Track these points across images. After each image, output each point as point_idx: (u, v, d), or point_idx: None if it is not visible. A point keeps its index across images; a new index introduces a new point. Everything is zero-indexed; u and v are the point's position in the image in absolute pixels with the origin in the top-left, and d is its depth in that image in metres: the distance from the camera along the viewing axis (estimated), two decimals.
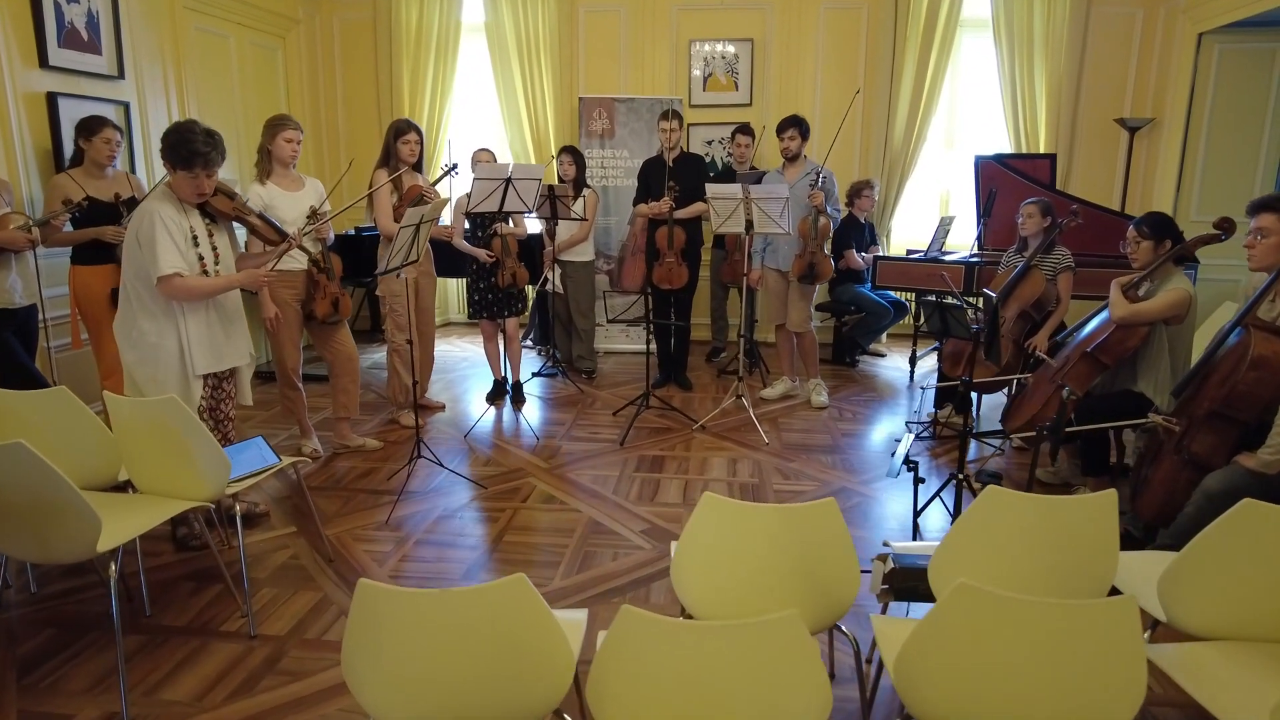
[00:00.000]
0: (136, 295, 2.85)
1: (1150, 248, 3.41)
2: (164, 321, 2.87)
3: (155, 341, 2.86)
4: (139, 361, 2.88)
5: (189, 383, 2.93)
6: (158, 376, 2.87)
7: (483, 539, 3.28)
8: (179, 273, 2.79)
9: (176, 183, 2.84)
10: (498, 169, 4.34)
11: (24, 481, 2.07)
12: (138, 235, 2.79)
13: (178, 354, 2.90)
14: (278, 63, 6.07)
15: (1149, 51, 6.10)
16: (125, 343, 2.89)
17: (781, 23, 6.39)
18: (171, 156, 2.77)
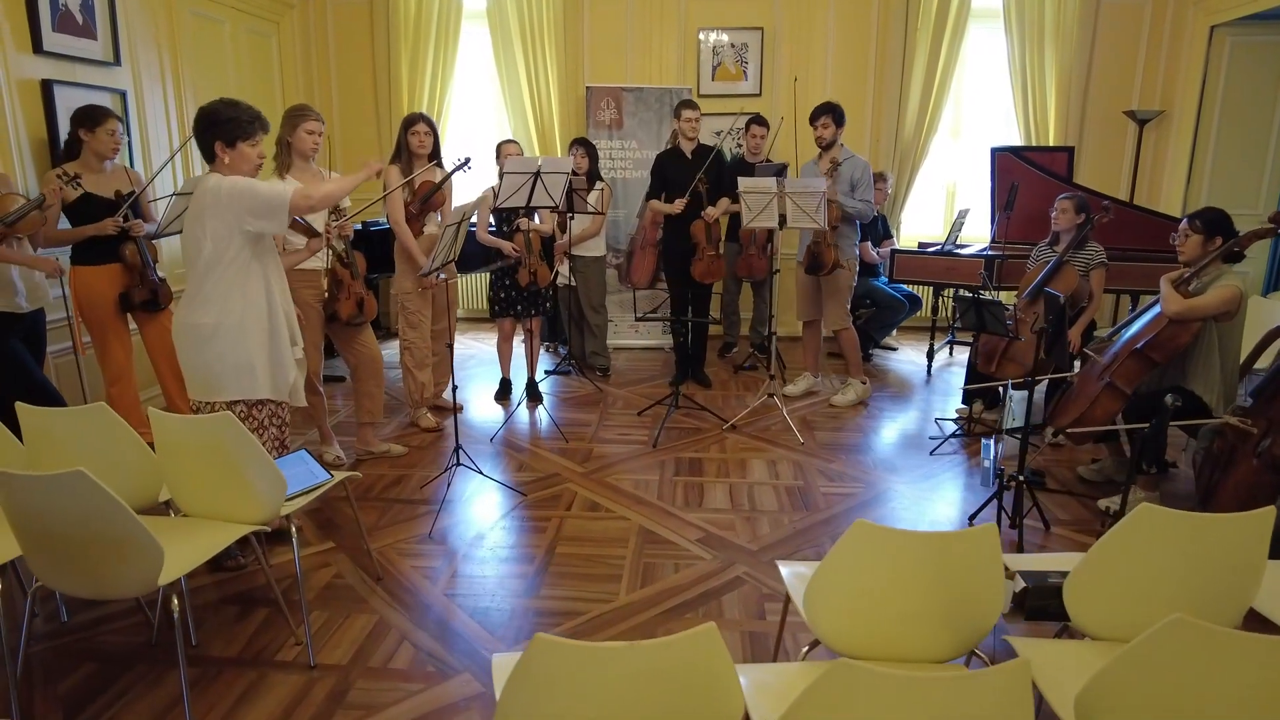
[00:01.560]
0: (233, 261, 2.64)
1: (1199, 242, 3.37)
2: (256, 293, 2.72)
3: (265, 306, 2.72)
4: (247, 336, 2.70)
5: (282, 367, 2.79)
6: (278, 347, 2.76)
7: (535, 551, 3.14)
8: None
9: (234, 161, 2.66)
10: (527, 162, 4.17)
11: (81, 512, 1.89)
12: (221, 199, 2.58)
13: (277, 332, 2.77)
14: (272, 49, 5.80)
15: (1158, 43, 6.10)
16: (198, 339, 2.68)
17: (791, 11, 6.28)
18: (231, 131, 2.62)
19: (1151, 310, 3.48)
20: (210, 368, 2.70)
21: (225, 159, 2.64)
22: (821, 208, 4.28)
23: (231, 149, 2.64)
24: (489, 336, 6.68)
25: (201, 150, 2.68)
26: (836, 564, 1.70)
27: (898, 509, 3.56)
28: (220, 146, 2.63)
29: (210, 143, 2.64)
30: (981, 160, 6.69)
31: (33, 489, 1.89)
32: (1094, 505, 3.60)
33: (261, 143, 2.72)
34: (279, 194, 2.60)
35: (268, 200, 2.60)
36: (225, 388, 2.71)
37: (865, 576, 1.69)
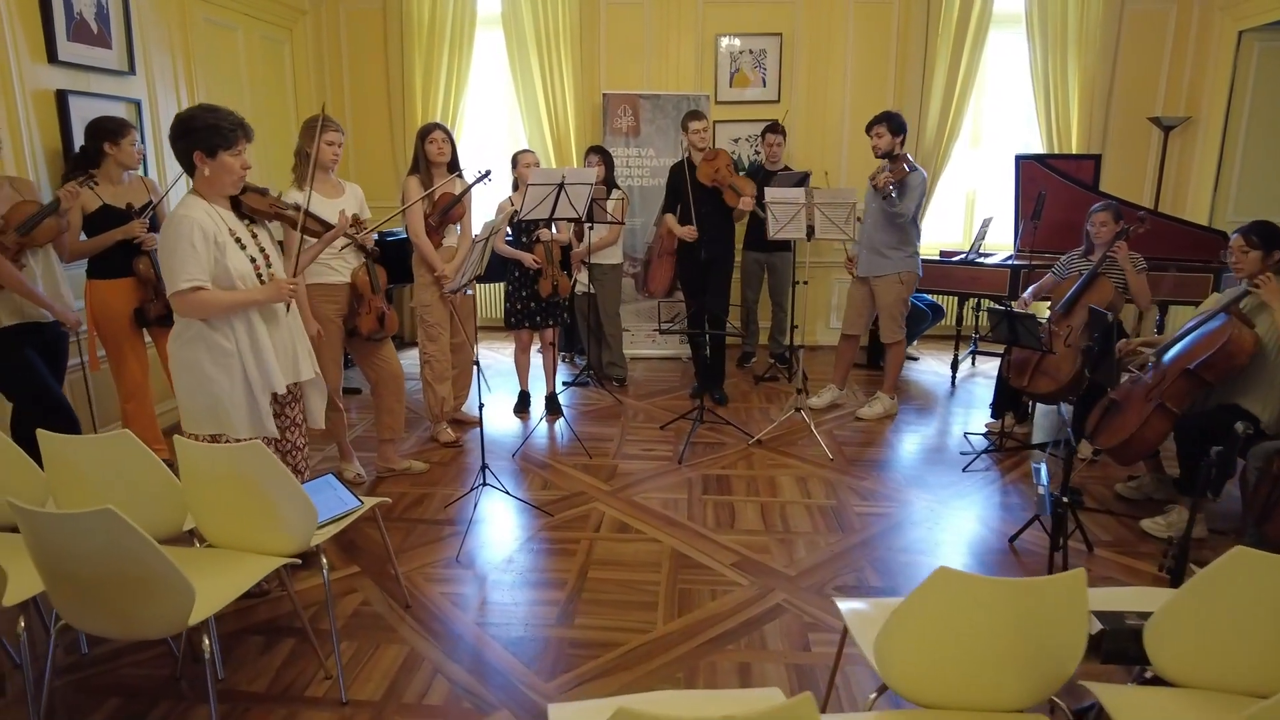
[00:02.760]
0: None
1: (1259, 259, 3.28)
2: (239, 333, 2.52)
3: (234, 362, 2.51)
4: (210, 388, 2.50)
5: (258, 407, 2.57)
6: (234, 403, 2.52)
7: (565, 576, 3.05)
8: (200, 285, 2.39)
9: (215, 173, 2.45)
10: (550, 174, 4.08)
11: (109, 551, 1.80)
12: (162, 244, 2.43)
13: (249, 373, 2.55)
14: (285, 56, 5.72)
15: (1183, 49, 6.01)
16: (193, 373, 2.51)
17: (810, 17, 6.19)
18: (209, 139, 2.39)
19: (1203, 328, 3.38)
20: (190, 399, 2.54)
21: (205, 170, 2.43)
22: (851, 219, 4.19)
23: (212, 159, 2.42)
24: (503, 346, 6.59)
25: (180, 162, 2.47)
26: (914, 611, 1.61)
27: (935, 530, 3.47)
28: (200, 157, 2.41)
29: (188, 153, 2.42)
30: (1001, 168, 6.61)
31: (58, 527, 1.80)
32: (1135, 525, 3.50)
33: (245, 151, 2.50)
34: (175, 278, 2.36)
35: (169, 274, 2.38)
36: (202, 421, 2.54)
37: (944, 624, 1.59)
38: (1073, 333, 4.20)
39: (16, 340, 3.18)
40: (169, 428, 4.44)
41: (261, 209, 2.72)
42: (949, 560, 3.21)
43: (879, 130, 4.59)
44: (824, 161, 6.18)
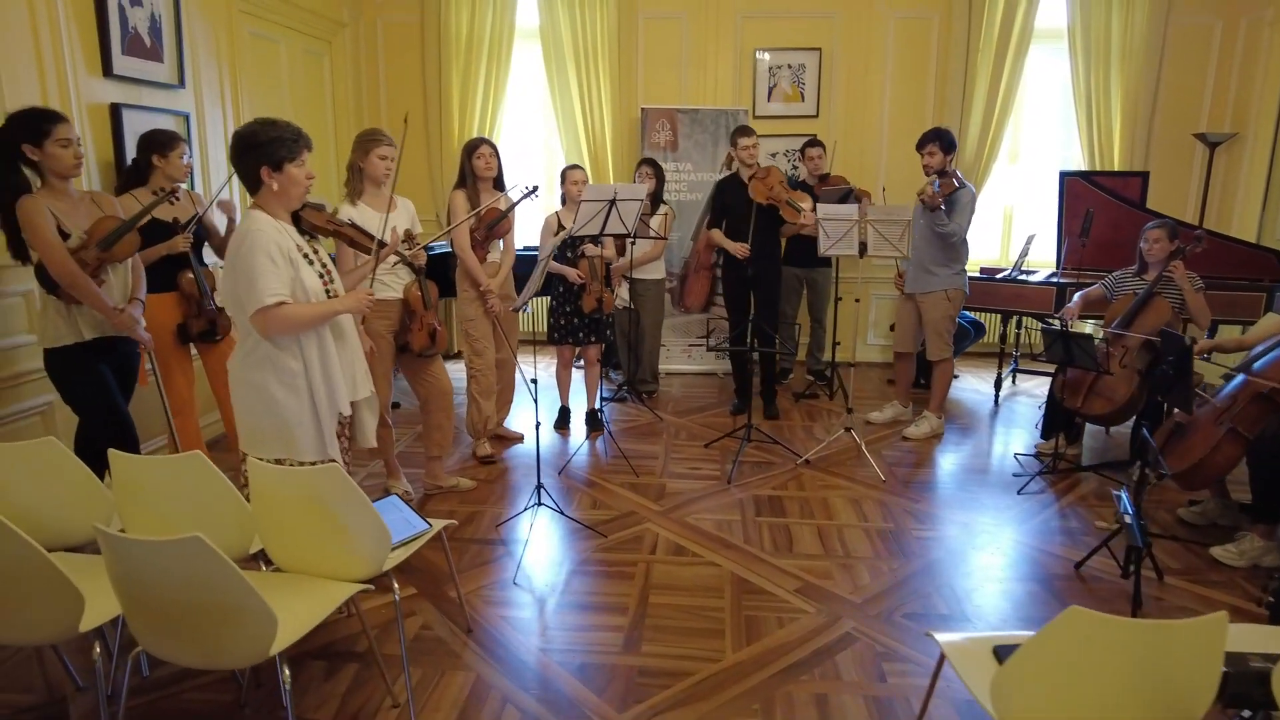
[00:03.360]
0: None
1: None
2: (309, 351, 2.45)
3: (301, 383, 2.44)
4: (277, 410, 2.43)
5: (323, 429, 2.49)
6: (301, 424, 2.44)
7: (626, 600, 2.98)
8: (284, 300, 2.35)
9: (283, 186, 2.40)
10: (603, 190, 4.04)
11: (196, 579, 1.75)
12: (234, 262, 2.37)
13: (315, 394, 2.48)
14: (324, 69, 5.71)
15: (1228, 64, 5.94)
16: (259, 395, 2.43)
17: (849, 32, 6.16)
18: (275, 152, 2.34)
19: (1275, 352, 3.31)
20: (255, 423, 2.47)
21: (273, 184, 2.39)
22: (906, 236, 4.13)
23: (279, 172, 2.38)
24: (539, 361, 6.55)
25: (244, 179, 2.42)
26: (1040, 652, 1.54)
27: (997, 556, 3.39)
28: (266, 171, 2.37)
29: (254, 169, 2.37)
30: (1039, 184, 6.56)
31: (145, 554, 1.75)
32: (1203, 553, 3.41)
33: (308, 162, 2.48)
34: (259, 294, 2.29)
35: (249, 291, 2.30)
36: (268, 445, 2.46)
37: (1072, 665, 1.52)
38: (1128, 353, 4.12)
39: (93, 356, 3.13)
40: (211, 440, 4.42)
41: (319, 224, 2.69)
42: (1016, 587, 3.13)
43: (931, 149, 4.54)
44: (862, 178, 6.12)
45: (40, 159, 2.87)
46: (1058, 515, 3.80)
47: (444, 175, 6.27)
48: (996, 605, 3.00)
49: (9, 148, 2.83)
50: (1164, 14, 5.84)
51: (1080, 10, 5.85)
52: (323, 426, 2.50)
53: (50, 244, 2.87)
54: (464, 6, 6.06)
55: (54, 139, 2.85)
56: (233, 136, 2.40)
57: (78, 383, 3.09)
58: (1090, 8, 5.84)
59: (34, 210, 2.85)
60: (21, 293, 3.37)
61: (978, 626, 2.84)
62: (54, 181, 2.94)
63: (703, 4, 6.16)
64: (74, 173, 2.97)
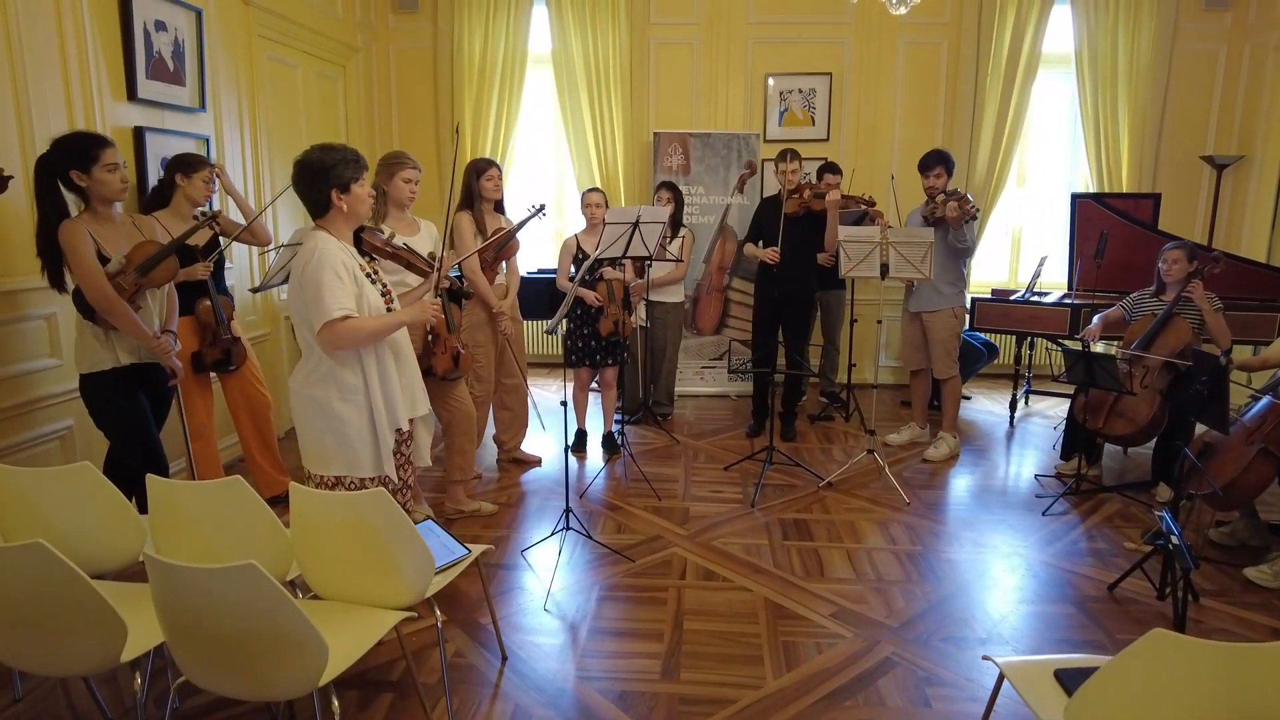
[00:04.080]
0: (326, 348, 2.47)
1: None
2: (369, 368, 2.50)
3: (361, 399, 2.50)
4: (338, 426, 2.48)
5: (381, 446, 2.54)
6: (362, 440, 2.51)
7: (661, 626, 2.94)
8: (350, 314, 2.40)
9: (352, 206, 2.48)
10: (627, 213, 4.05)
11: (248, 609, 1.71)
12: (301, 279, 2.42)
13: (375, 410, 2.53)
14: (338, 93, 5.73)
15: (1233, 88, 6.02)
16: (321, 412, 2.48)
17: (859, 56, 6.22)
18: (343, 174, 2.43)
19: None
20: (317, 440, 2.52)
21: (343, 205, 2.46)
22: (928, 258, 4.14)
23: (347, 193, 2.46)
24: (547, 383, 6.52)
25: (310, 204, 2.49)
26: (1121, 676, 1.51)
27: (1028, 578, 3.35)
28: (336, 194, 2.44)
29: (325, 193, 2.44)
30: (1047, 206, 6.61)
31: (197, 582, 1.71)
32: (1236, 574, 3.39)
33: (366, 180, 2.55)
34: (327, 308, 2.35)
35: (317, 306, 2.36)
36: (329, 462, 2.52)
37: (1155, 690, 1.49)
38: (1149, 374, 4.12)
39: (130, 382, 3.09)
40: (228, 463, 4.37)
41: (378, 246, 2.76)
42: (1051, 609, 3.09)
43: (939, 171, 4.58)
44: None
45: (88, 184, 2.85)
46: (1084, 536, 3.77)
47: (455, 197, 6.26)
48: (1033, 628, 2.97)
49: (55, 173, 2.81)
50: (1170, 39, 5.92)
51: (1087, 35, 5.93)
52: (380, 442, 2.54)
53: (89, 269, 2.84)
54: (477, 32, 6.10)
55: (102, 164, 2.84)
56: (297, 165, 2.45)
57: (114, 408, 3.05)
58: (1097, 32, 5.91)
59: (75, 235, 2.83)
60: (44, 316, 3.33)
61: (1018, 649, 2.80)
62: (98, 206, 2.92)
63: (713, 29, 6.21)
64: (120, 196, 2.96)
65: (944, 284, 4.63)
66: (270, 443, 3.94)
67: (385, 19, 6.21)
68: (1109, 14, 5.88)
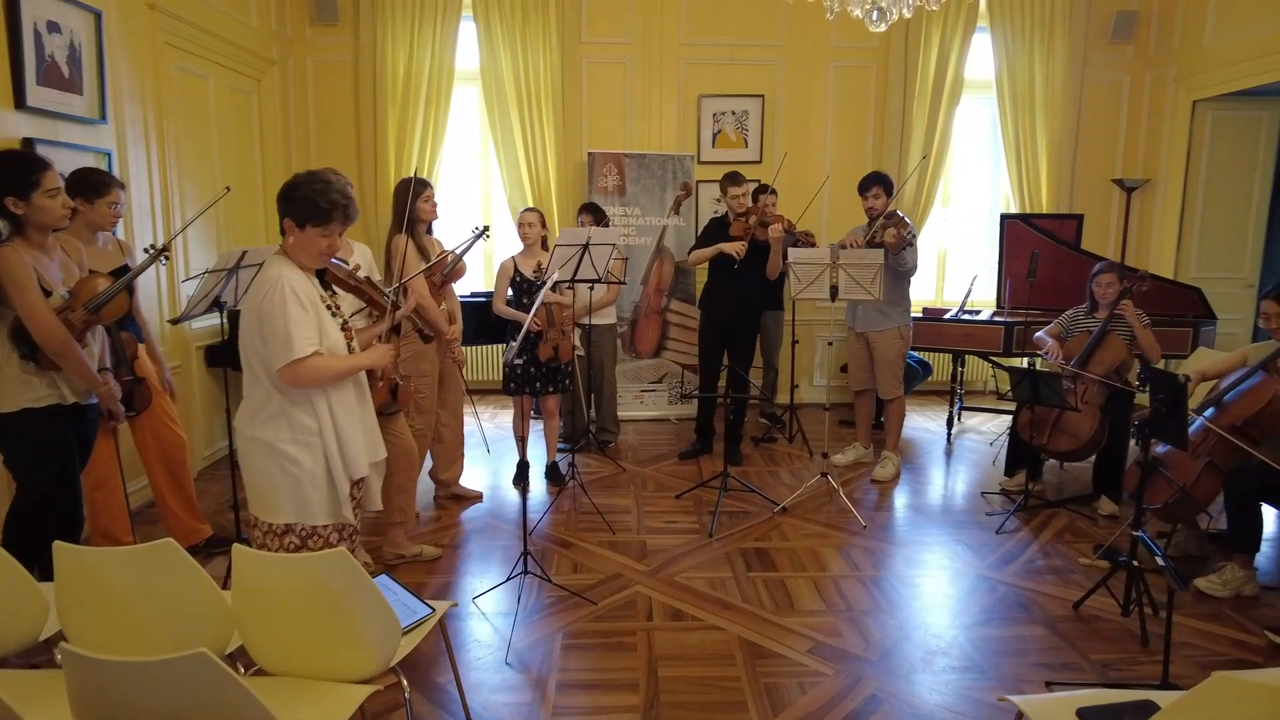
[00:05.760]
0: (278, 384, 2.24)
1: None
2: (321, 409, 2.28)
3: (315, 440, 2.28)
4: (289, 468, 2.26)
5: (339, 491, 2.33)
6: (315, 485, 2.29)
7: (634, 675, 2.75)
8: (318, 350, 2.22)
9: (298, 244, 2.27)
10: (577, 234, 3.88)
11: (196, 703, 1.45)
12: (259, 311, 2.21)
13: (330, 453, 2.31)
14: (253, 107, 5.36)
15: (1138, 116, 6.35)
16: (270, 454, 2.25)
17: (791, 79, 6.26)
18: (306, 210, 2.23)
19: (1242, 386, 3.41)
20: (266, 483, 2.30)
21: (290, 238, 2.29)
22: (878, 279, 4.13)
23: (300, 230, 2.26)
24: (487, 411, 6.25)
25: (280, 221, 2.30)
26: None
27: (996, 601, 3.32)
28: (289, 224, 2.26)
29: (281, 217, 2.28)
30: (971, 226, 6.80)
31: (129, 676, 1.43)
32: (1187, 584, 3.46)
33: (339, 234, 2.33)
34: (295, 345, 2.17)
35: (283, 342, 2.17)
36: (279, 508, 2.30)
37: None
38: (1088, 390, 4.22)
39: (65, 421, 2.73)
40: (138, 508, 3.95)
41: (341, 278, 2.53)
42: (1023, 632, 3.06)
43: (876, 191, 4.62)
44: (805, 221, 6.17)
45: (25, 212, 2.51)
46: (1040, 554, 3.80)
47: (379, 221, 5.97)
48: (1009, 652, 2.93)
49: None
50: (1080, 68, 6.19)
51: (1006, 62, 6.14)
52: (338, 488, 2.33)
53: (36, 304, 2.50)
54: (401, 47, 5.84)
55: (43, 189, 2.51)
56: (291, 178, 2.28)
57: (44, 448, 2.67)
58: (1015, 60, 6.13)
59: (19, 264, 2.47)
60: None
61: (1002, 678, 2.74)
62: (33, 234, 2.57)
63: (646, 49, 6.14)
64: (63, 224, 2.63)
65: (888, 304, 4.65)
66: (185, 487, 3.56)
67: (303, 31, 5.87)
68: (1025, 43, 6.11)
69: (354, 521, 2.41)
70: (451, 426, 4.25)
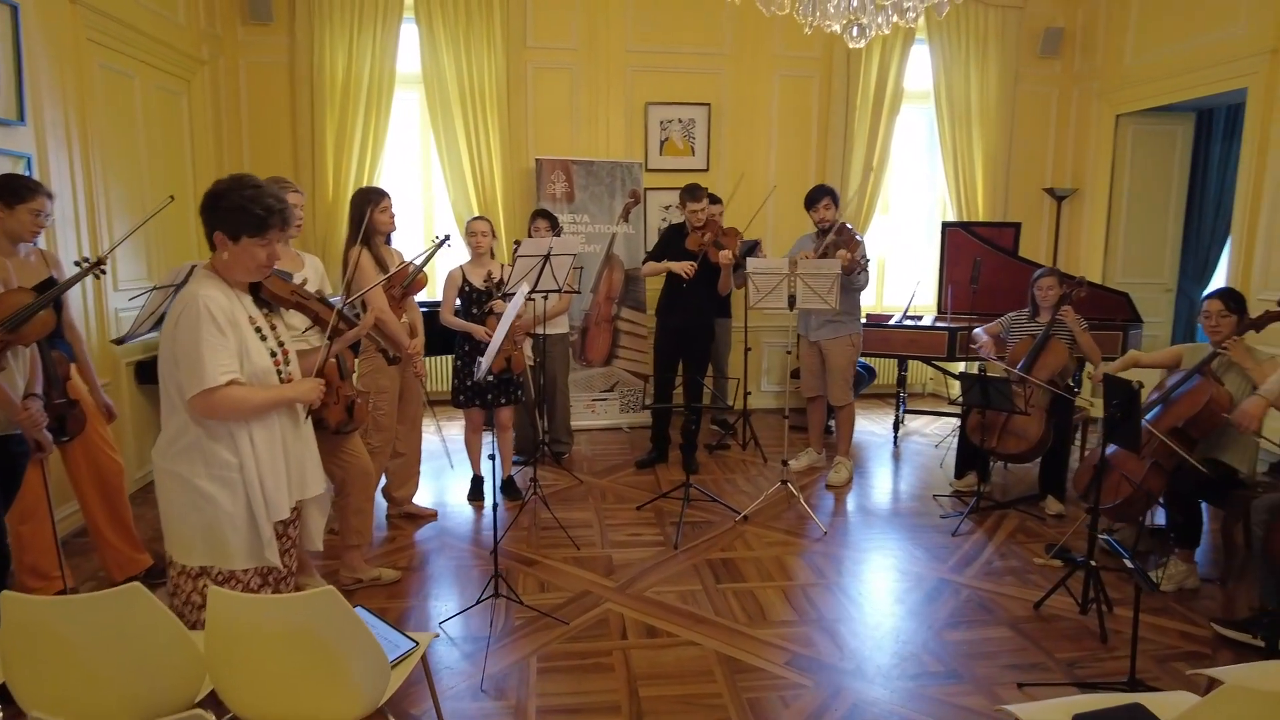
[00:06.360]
0: (194, 414, 2.04)
1: (1234, 323, 3.51)
2: (243, 443, 2.08)
3: (235, 477, 2.07)
4: (204, 506, 2.06)
5: (261, 532, 2.12)
6: (234, 527, 2.08)
7: (615, 697, 2.69)
8: (236, 379, 2.02)
9: (234, 259, 2.07)
10: (539, 244, 3.80)
11: None
12: (174, 333, 2.01)
13: (252, 492, 2.11)
14: (183, 109, 5.08)
15: (1065, 128, 6.62)
16: (185, 490, 2.06)
17: (736, 88, 6.30)
18: (239, 221, 2.03)
19: (1181, 388, 3.57)
20: (179, 521, 2.09)
21: (225, 254, 2.07)
22: (834, 289, 4.17)
23: (234, 243, 2.06)
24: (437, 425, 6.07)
25: (205, 233, 2.08)
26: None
27: (959, 603, 3.39)
28: (221, 238, 2.05)
29: (210, 229, 2.06)
30: (909, 233, 6.98)
31: None
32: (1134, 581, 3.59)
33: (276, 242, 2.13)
34: (206, 373, 1.97)
35: (193, 368, 1.97)
36: (193, 549, 2.09)
37: None
38: (1034, 394, 4.35)
39: None
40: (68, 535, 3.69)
41: (282, 295, 2.31)
42: (990, 634, 3.13)
43: (827, 203, 4.69)
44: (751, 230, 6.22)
45: None
46: (997, 555, 3.89)
47: (317, 227, 5.75)
48: (980, 655, 2.98)
49: None
50: (1012, 81, 6.42)
51: (944, 74, 6.32)
52: (260, 529, 2.13)
53: None
54: (340, 48, 5.63)
55: None
56: (213, 185, 2.05)
57: None
58: (951, 72, 6.32)
59: None
60: None
61: (977, 682, 2.78)
62: None
63: (592, 55, 6.09)
64: None
65: (841, 313, 4.71)
66: (123, 515, 3.33)
67: (234, 30, 5.60)
68: (961, 56, 6.31)
69: (279, 565, 2.19)
70: (410, 442, 4.12)
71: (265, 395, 2.09)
